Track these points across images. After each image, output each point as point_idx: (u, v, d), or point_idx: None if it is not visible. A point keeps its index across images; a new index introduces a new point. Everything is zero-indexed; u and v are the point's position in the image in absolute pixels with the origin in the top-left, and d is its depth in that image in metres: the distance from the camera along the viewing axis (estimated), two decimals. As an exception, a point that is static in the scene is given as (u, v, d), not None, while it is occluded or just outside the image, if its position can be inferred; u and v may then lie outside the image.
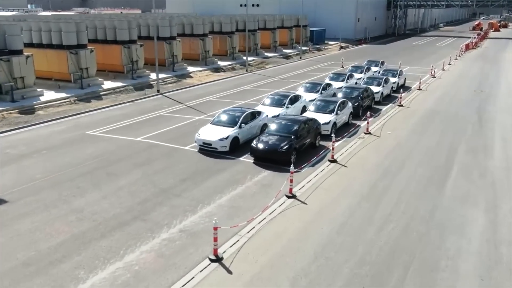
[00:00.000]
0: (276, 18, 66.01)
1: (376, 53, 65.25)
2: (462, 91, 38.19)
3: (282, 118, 23.08)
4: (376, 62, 45.19)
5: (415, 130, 26.71)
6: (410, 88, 39.53)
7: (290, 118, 23.19)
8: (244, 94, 36.41)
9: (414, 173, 19.89)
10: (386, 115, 30.09)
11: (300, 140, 21.49)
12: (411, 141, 24.50)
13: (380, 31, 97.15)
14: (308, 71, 48.38)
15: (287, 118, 23.08)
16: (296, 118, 22.91)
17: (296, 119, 22.80)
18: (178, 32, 50.49)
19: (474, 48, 72.83)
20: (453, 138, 25.02)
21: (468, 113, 30.71)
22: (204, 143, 22.11)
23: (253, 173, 19.88)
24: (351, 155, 22.39)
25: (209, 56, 50.73)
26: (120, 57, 40.77)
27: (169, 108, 31.74)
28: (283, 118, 23.21)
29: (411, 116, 29.80)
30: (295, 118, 22.97)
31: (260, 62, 54.30)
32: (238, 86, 40.20)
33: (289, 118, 23.06)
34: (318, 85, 32.27)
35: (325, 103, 26.73)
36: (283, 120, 22.66)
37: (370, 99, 31.52)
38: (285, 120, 22.71)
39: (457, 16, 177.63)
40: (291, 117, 23.35)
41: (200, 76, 44.87)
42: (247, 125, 23.13)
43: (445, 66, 50.60)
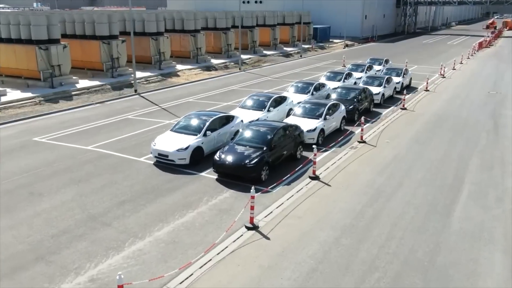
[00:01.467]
0: (277, 14, 61.81)
1: (383, 51, 60.74)
2: (474, 93, 33.74)
3: (256, 125, 18.97)
4: (380, 60, 40.83)
5: (419, 138, 22.45)
6: (417, 89, 35.17)
7: (265, 124, 19.09)
8: (229, 94, 32.40)
9: (413, 196, 15.68)
10: (386, 120, 25.83)
11: (275, 152, 17.42)
12: (412, 153, 20.26)
13: (389, 29, 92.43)
14: (306, 70, 44.19)
15: (262, 125, 18.99)
16: (272, 125, 18.79)
17: (272, 126, 18.68)
18: (168, 27, 46.76)
19: (488, 47, 67.94)
20: (463, 150, 20.74)
21: (482, 118, 26.34)
22: (159, 154, 18.13)
23: (212, 193, 15.86)
24: (338, 169, 18.24)
25: (201, 53, 46.78)
26: (99, 53, 37.00)
27: (140, 110, 27.84)
28: (258, 124, 19.09)
29: (414, 122, 25.52)
30: (271, 125, 18.86)
31: (256, 61, 50.23)
32: (226, 85, 36.19)
33: (264, 125, 18.97)
34: (309, 85, 28.11)
35: (313, 106, 22.60)
36: (257, 127, 18.57)
37: (368, 101, 27.28)
38: (258, 127, 18.61)
39: (470, 15, 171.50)
40: (267, 124, 19.24)
41: (188, 75, 40.95)
42: (215, 133, 19.10)
43: (456, 65, 46.04)
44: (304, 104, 22.90)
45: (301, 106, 22.76)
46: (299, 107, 22.79)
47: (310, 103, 22.97)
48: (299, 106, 22.85)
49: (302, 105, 22.79)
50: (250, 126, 18.68)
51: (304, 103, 23.01)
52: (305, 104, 22.89)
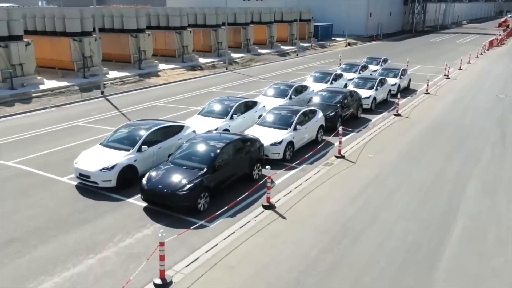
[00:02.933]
0: (274, 11, 57.96)
1: (386, 50, 56.57)
2: (480, 96, 29.64)
3: (203, 138, 15.24)
4: (377, 59, 36.82)
5: (409, 153, 18.59)
6: (416, 91, 31.16)
7: (214, 138, 15.37)
8: (204, 98, 28.72)
9: (388, 236, 11.90)
10: (375, 128, 21.96)
11: (220, 174, 13.75)
12: (398, 172, 16.43)
13: (396, 27, 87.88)
14: (298, 70, 40.35)
15: (210, 138, 15.28)
16: (223, 139, 15.10)
17: (222, 139, 14.99)
18: (153, 24, 43.29)
19: (499, 45, 63.29)
20: (462, 167, 16.84)
21: (487, 126, 22.35)
22: (81, 174, 14.55)
23: (131, 229, 12.26)
24: (302, 194, 14.51)
25: (187, 52, 43.18)
26: (69, 52, 33.62)
27: (97, 115, 24.36)
28: (204, 138, 15.34)
29: (408, 131, 21.62)
30: (221, 138, 15.16)
31: (248, 60, 46.51)
32: (206, 87, 32.56)
33: (212, 138, 15.26)
34: (289, 87, 24.31)
35: (283, 113, 18.87)
36: (202, 141, 14.89)
37: (355, 107, 23.42)
38: (204, 141, 14.91)
39: (483, 14, 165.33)
40: (215, 137, 15.51)
41: (169, 75, 37.41)
42: (154, 147, 15.49)
43: (462, 65, 41.79)
44: (274, 111, 19.16)
45: (269, 113, 19.03)
46: (268, 114, 19.07)
47: (281, 110, 19.22)
48: (268, 113, 19.12)
49: (270, 113, 19.06)
50: (193, 140, 14.99)
51: (274, 110, 19.26)
52: (275, 111, 19.15)
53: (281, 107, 19.68)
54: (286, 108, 19.59)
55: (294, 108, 19.41)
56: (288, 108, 19.44)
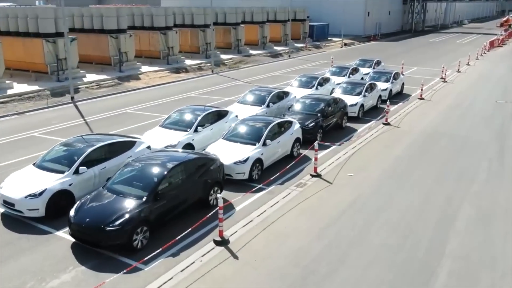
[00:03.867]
0: (267, 10, 55.65)
1: (384, 51, 54.25)
2: (479, 102, 27.31)
3: (148, 159, 12.97)
4: (370, 61, 34.51)
5: (395, 171, 16.32)
6: (409, 96, 28.85)
7: (161, 158, 13.09)
8: (180, 104, 26.47)
9: (357, 285, 9.64)
10: (360, 140, 19.69)
11: (164, 204, 11.53)
12: (379, 196, 14.18)
13: (395, 27, 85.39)
14: (288, 72, 38.06)
15: (156, 158, 13.04)
16: (171, 159, 12.84)
17: (170, 160, 12.73)
18: (137, 24, 41.11)
19: (500, 46, 60.78)
20: (453, 190, 14.58)
21: (485, 138, 20.05)
22: (5, 201, 12.37)
23: (48, 273, 10.10)
24: (263, 225, 12.31)
25: (173, 53, 40.96)
26: (42, 54, 31.47)
27: (59, 124, 22.24)
28: (150, 158, 13.08)
29: (396, 143, 19.35)
30: (170, 158, 12.90)
31: (238, 61, 44.27)
32: (185, 91, 30.38)
33: (160, 158, 13.01)
34: (268, 94, 22.03)
35: (252, 126, 16.66)
36: (145, 163, 12.64)
37: (339, 116, 21.17)
38: (148, 162, 12.67)
39: (484, 13, 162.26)
40: (163, 157, 13.19)
41: (151, 78, 35.22)
42: (95, 168, 13.30)
43: (461, 67, 39.40)
44: (243, 123, 16.92)
45: (238, 125, 16.79)
46: (235, 126, 16.83)
47: (251, 122, 16.98)
48: (236, 125, 16.89)
49: (239, 125, 16.82)
50: (136, 161, 12.74)
51: (243, 122, 17.02)
52: (244, 123, 16.91)
53: (252, 118, 17.44)
54: (258, 119, 17.35)
55: (267, 120, 17.16)
56: (260, 120, 17.20)
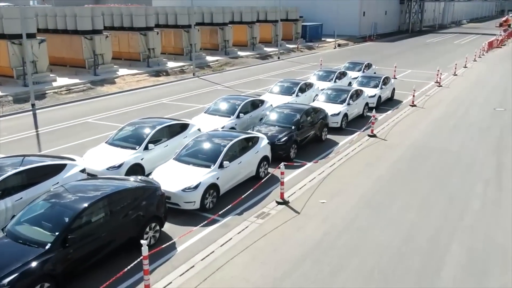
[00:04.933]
0: (257, 10, 53.18)
1: (378, 52, 51.83)
2: (475, 110, 24.88)
3: (61, 192, 10.40)
4: (360, 64, 32.07)
5: (375, 197, 13.91)
6: (401, 103, 26.44)
7: (82, 188, 10.66)
8: (147, 112, 24.18)
9: None
10: (338, 157, 17.28)
11: (77, 251, 9.13)
12: (353, 232, 11.79)
13: (391, 27, 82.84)
14: (273, 76, 35.62)
15: (76, 189, 10.58)
16: (93, 190, 10.41)
17: (92, 191, 10.32)
18: (116, 25, 38.72)
19: (500, 47, 58.27)
20: (441, 224, 12.18)
21: (481, 154, 17.63)
22: None
23: None
24: (205, 273, 9.89)
25: (154, 55, 38.54)
26: (7, 56, 29.10)
27: (8, 136, 19.87)
28: (63, 191, 10.45)
29: (379, 161, 16.93)
30: (91, 189, 10.48)
31: (223, 64, 41.84)
32: (160, 97, 28.02)
33: (80, 189, 10.58)
34: (240, 102, 19.58)
35: (209, 143, 14.24)
36: (60, 195, 10.19)
37: (319, 127, 18.76)
38: (58, 198, 10.16)
39: (484, 13, 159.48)
40: (85, 187, 10.78)
41: (127, 82, 32.83)
42: (7, 200, 10.86)
43: (458, 70, 36.94)
44: (197, 141, 14.49)
45: (193, 143, 14.36)
46: (192, 143, 14.42)
47: (209, 139, 14.56)
48: (191, 142, 14.46)
49: (193, 143, 14.38)
50: (50, 193, 10.32)
51: (199, 139, 14.60)
52: (199, 140, 14.48)
53: (212, 134, 15.01)
54: (218, 135, 14.92)
55: (228, 136, 14.75)
56: (220, 136, 14.78)
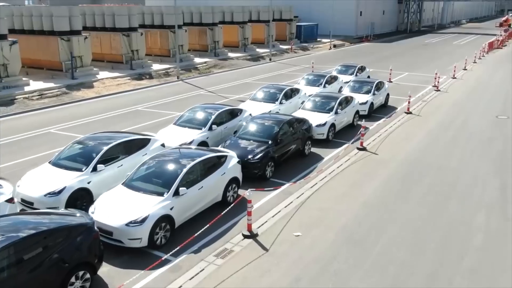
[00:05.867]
0: (250, 9, 51.06)
1: (375, 53, 49.74)
2: (475, 117, 22.74)
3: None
4: (353, 67, 29.92)
5: (358, 229, 11.79)
6: (395, 110, 24.31)
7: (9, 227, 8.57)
8: (123, 120, 22.08)
9: None
10: (321, 176, 15.16)
11: None
12: (328, 278, 9.65)
13: (389, 27, 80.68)
14: (262, 79, 33.50)
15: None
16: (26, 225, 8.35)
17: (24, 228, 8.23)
18: (98, 25, 36.63)
19: (500, 47, 56.11)
20: (436, 266, 10.06)
21: (482, 172, 15.50)
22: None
23: None
24: None
25: (138, 57, 36.43)
26: (-26, 59, 27.02)
27: (-44, 150, 17.70)
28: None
29: (367, 181, 14.81)
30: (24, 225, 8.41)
31: (212, 66, 39.70)
32: (135, 103, 25.93)
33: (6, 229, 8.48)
34: (213, 112, 17.42)
35: (163, 165, 12.14)
36: None
37: (301, 140, 16.63)
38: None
39: (483, 13, 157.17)
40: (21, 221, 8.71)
41: (106, 86, 30.71)
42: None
43: (457, 73, 34.81)
44: (152, 161, 12.36)
45: (145, 165, 12.22)
46: (146, 164, 12.28)
47: (167, 158, 12.42)
48: (145, 164, 12.32)
49: (147, 164, 12.24)
50: None
51: (153, 160, 12.44)
52: (154, 161, 12.35)
53: (171, 153, 12.84)
54: (177, 154, 12.75)
55: (191, 155, 12.60)
56: (181, 155, 12.59)
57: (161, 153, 12.72)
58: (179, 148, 13.46)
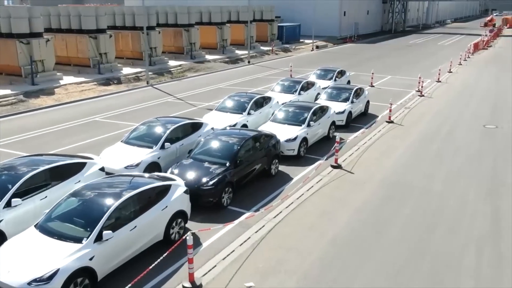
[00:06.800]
0: (229, 9, 48.88)
1: (358, 54, 47.90)
2: (462, 128, 20.85)
3: None
4: (332, 71, 27.87)
5: (323, 276, 9.71)
6: (376, 118, 22.35)
7: None
8: (77, 131, 19.79)
9: None
10: (285, 204, 13.03)
11: None
12: None
13: (374, 27, 79.06)
14: (237, 83, 31.40)
15: None
16: None
17: None
18: (63, 26, 34.17)
19: (486, 48, 54.63)
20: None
21: (471, 194, 13.56)
22: None
23: None
24: None
25: (107, 60, 34.05)
26: None
27: None
28: None
29: (339, 209, 12.75)
30: None
31: (186, 69, 37.45)
32: (95, 113, 23.67)
33: None
34: (168, 126, 15.20)
35: (83, 202, 9.89)
36: None
37: (266, 159, 14.51)
38: None
39: (468, 12, 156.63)
40: None
41: (69, 92, 28.34)
42: None
43: (441, 76, 33.03)
44: (72, 198, 10.11)
45: (62, 204, 9.96)
46: (63, 202, 10.03)
47: (89, 193, 10.16)
48: (63, 201, 10.07)
49: (64, 203, 9.98)
50: None
51: (73, 197, 10.18)
52: (74, 198, 10.10)
53: (97, 184, 10.59)
54: (107, 185, 10.51)
55: (122, 185, 10.38)
56: (110, 187, 10.37)
57: (89, 184, 10.47)
58: (113, 177, 11.23)
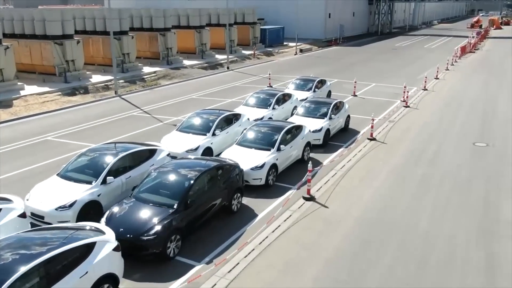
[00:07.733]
0: (207, 12, 46.68)
1: (342, 58, 46.01)
2: (449, 146, 18.92)
3: None
4: (311, 81, 25.80)
5: None
6: (357, 134, 20.35)
7: None
8: (25, 154, 17.52)
9: None
10: (247, 249, 10.93)
11: None
12: None
13: (360, 29, 77.28)
14: (211, 94, 29.26)
15: None
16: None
17: None
18: (27, 32, 31.73)
19: (473, 51, 53.02)
20: None
21: (461, 235, 11.62)
22: None
23: None
24: None
25: (75, 68, 31.69)
26: None
27: None
28: None
29: (309, 256, 10.72)
30: None
31: (161, 76, 35.22)
32: (55, 128, 21.34)
33: None
34: (116, 152, 13.01)
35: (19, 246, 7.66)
36: None
37: (228, 192, 12.39)
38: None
39: (454, 13, 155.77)
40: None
41: (29, 104, 25.98)
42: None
43: (428, 83, 31.18)
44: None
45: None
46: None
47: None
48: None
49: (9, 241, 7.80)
50: None
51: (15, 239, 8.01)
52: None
53: (16, 240, 8.41)
54: (18, 244, 8.32)
55: (37, 244, 8.20)
56: (24, 247, 8.19)
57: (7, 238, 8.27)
58: (47, 226, 8.99)
